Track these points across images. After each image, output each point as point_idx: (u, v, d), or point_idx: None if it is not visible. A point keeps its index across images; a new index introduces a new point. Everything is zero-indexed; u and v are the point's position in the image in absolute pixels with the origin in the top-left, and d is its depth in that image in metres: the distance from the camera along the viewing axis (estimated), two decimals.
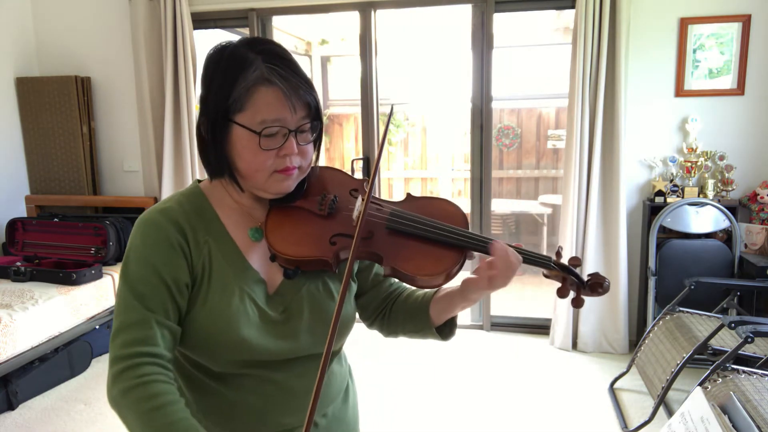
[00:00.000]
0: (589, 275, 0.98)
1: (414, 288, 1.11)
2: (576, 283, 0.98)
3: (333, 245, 0.96)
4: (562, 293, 0.97)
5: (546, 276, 1.01)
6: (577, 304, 0.98)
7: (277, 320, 0.97)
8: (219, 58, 0.92)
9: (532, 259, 0.98)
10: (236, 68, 0.90)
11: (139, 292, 0.89)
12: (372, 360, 3.37)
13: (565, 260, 1.00)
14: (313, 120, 0.95)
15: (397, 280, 1.16)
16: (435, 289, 1.07)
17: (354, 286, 1.09)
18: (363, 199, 1.00)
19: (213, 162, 0.97)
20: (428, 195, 1.09)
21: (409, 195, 1.07)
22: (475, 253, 0.98)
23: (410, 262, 0.95)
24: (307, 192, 1.02)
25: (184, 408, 0.85)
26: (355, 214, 0.99)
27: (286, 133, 0.92)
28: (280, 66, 0.91)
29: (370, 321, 1.16)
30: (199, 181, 1.04)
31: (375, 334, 1.17)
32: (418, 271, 0.94)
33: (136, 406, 0.83)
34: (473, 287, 0.98)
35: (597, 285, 0.96)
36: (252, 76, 0.89)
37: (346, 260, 0.97)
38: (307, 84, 0.93)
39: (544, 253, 0.95)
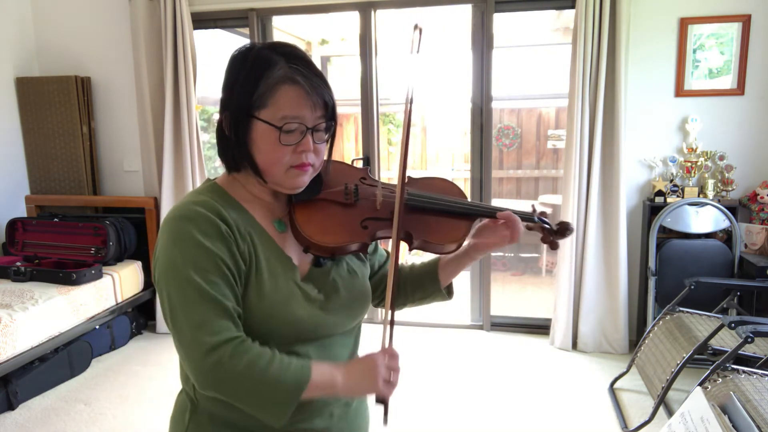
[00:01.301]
0: (557, 224, 1.18)
1: (412, 263, 1.27)
2: (550, 231, 1.17)
3: (365, 229, 1.06)
4: (545, 239, 1.17)
5: (529, 228, 1.18)
6: (552, 246, 1.19)
7: (316, 299, 1.04)
8: (244, 58, 0.98)
9: (522, 217, 1.15)
10: (261, 68, 0.96)
11: (212, 281, 0.92)
12: None
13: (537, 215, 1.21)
14: (329, 120, 1.01)
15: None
16: (438, 257, 1.22)
17: (368, 266, 1.18)
18: (382, 185, 1.14)
19: (233, 157, 1.02)
20: (423, 175, 1.21)
21: (409, 177, 1.16)
22: (481, 219, 1.16)
23: (435, 233, 1.09)
24: (326, 185, 1.10)
25: (277, 354, 0.94)
26: (380, 198, 1.10)
27: (304, 130, 0.97)
28: (302, 66, 0.97)
29: (379, 300, 1.25)
30: (209, 180, 1.08)
31: (373, 335, 1.19)
32: (443, 240, 1.09)
33: (247, 373, 0.89)
34: (483, 249, 1.15)
35: (564, 229, 1.16)
36: (277, 74, 0.95)
37: (378, 239, 1.10)
38: (326, 84, 1.00)
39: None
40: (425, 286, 1.22)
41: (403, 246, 1.10)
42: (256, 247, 1.00)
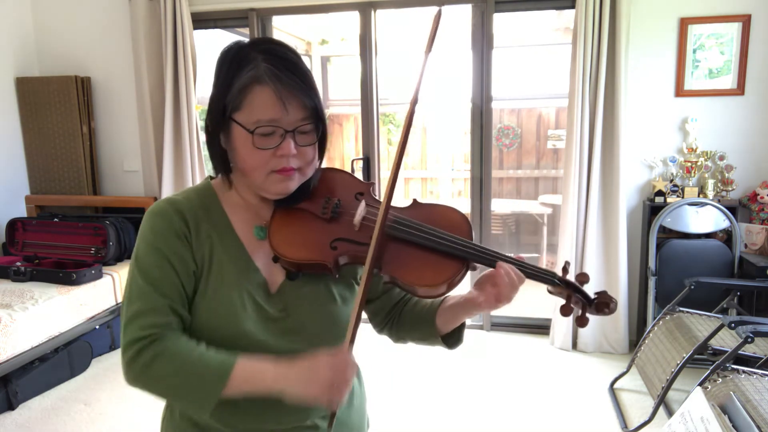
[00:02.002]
0: (596, 293, 0.95)
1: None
2: (582, 301, 0.95)
3: (334, 250, 0.95)
4: (565, 311, 0.95)
5: (550, 292, 0.98)
6: (581, 323, 0.95)
7: (276, 317, 0.98)
8: (225, 56, 0.95)
9: (536, 275, 0.96)
10: (236, 67, 0.92)
11: (153, 277, 0.92)
12: (371, 361, 3.36)
13: (571, 276, 0.97)
14: (316, 121, 0.95)
15: None
16: (441, 298, 1.06)
17: (357, 289, 1.08)
18: (367, 204, 1.00)
19: (216, 158, 1.00)
20: (435, 202, 1.07)
21: (415, 201, 1.05)
22: (478, 265, 0.96)
23: (409, 270, 0.93)
24: (313, 194, 1.02)
25: (202, 347, 0.91)
26: (357, 218, 0.97)
27: (283, 133, 0.92)
28: (278, 66, 0.91)
29: (380, 327, 1.16)
30: (212, 178, 1.06)
31: (373, 337, 1.18)
32: (418, 280, 0.93)
33: (166, 366, 0.86)
34: (475, 306, 0.98)
35: (603, 305, 0.94)
36: (247, 75, 0.91)
37: (346, 265, 0.97)
38: (306, 85, 0.93)
39: (545, 263, 0.95)
40: (422, 327, 1.08)
41: None
42: (213, 255, 0.96)
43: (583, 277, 0.96)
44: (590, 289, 0.97)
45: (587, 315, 0.94)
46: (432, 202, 1.05)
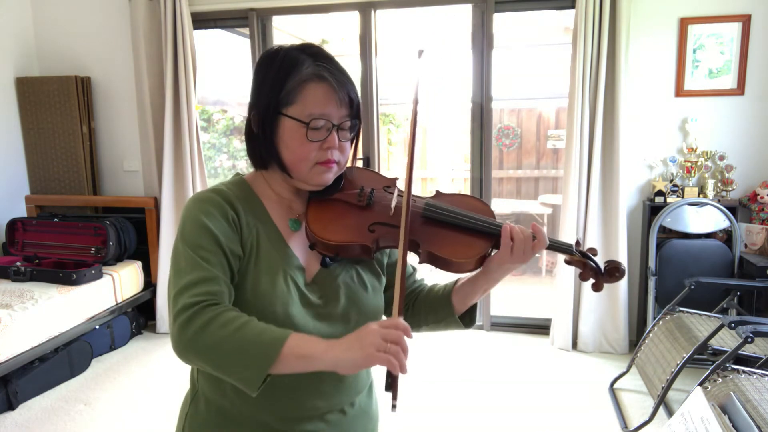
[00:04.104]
0: (606, 262, 1.07)
1: (433, 284, 1.21)
2: (594, 269, 1.08)
3: (372, 232, 1.05)
4: (584, 277, 1.09)
5: (567, 262, 1.11)
6: (597, 288, 1.10)
7: (317, 304, 1.03)
8: (273, 58, 1.02)
9: (556, 245, 1.07)
10: (289, 66, 1.00)
11: (203, 256, 0.94)
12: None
13: (583, 249, 1.11)
14: (354, 118, 1.04)
15: (419, 277, 1.24)
16: (455, 281, 1.15)
17: (384, 279, 1.15)
18: (398, 194, 1.10)
19: (261, 154, 1.05)
20: (455, 192, 1.18)
21: (438, 192, 1.16)
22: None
23: (445, 247, 1.04)
24: (344, 186, 1.11)
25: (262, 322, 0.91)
26: (394, 203, 1.08)
27: (330, 127, 1.00)
28: (329, 65, 1.01)
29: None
30: (239, 174, 1.11)
31: None
32: (453, 255, 1.03)
33: (220, 331, 0.86)
34: (495, 262, 1.05)
35: (614, 270, 1.07)
36: (305, 72, 0.99)
37: (384, 248, 1.06)
38: (352, 83, 1.03)
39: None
40: (438, 309, 1.15)
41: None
42: (259, 241, 1.01)
43: (593, 251, 1.10)
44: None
45: (601, 282, 1.08)
46: (454, 193, 1.17)
